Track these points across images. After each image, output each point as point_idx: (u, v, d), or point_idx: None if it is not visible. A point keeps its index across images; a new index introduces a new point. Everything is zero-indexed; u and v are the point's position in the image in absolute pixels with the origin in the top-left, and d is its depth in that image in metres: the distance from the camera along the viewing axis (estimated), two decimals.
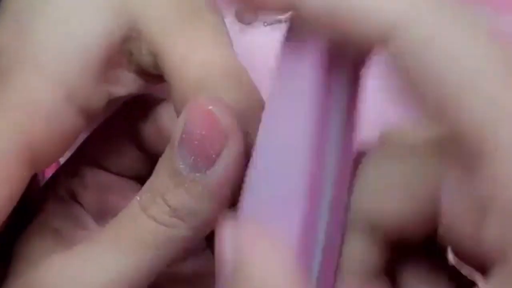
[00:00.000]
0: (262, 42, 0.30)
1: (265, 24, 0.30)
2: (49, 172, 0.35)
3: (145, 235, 0.21)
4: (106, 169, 0.24)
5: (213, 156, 0.20)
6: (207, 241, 0.25)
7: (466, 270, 0.19)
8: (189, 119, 0.20)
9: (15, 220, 0.24)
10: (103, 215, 0.23)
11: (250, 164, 0.19)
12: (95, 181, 0.24)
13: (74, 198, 0.24)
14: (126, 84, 0.22)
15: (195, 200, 0.20)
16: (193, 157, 0.20)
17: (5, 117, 0.20)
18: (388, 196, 0.18)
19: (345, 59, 0.19)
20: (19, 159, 0.20)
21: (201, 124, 0.20)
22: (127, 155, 0.22)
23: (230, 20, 0.30)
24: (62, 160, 0.33)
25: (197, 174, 0.20)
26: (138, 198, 0.21)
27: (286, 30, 0.20)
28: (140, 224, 0.21)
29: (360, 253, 0.18)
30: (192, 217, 0.20)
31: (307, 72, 0.18)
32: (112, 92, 0.22)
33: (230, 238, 0.16)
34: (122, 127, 0.24)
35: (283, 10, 0.17)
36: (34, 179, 0.25)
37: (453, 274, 0.20)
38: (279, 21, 0.30)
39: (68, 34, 0.20)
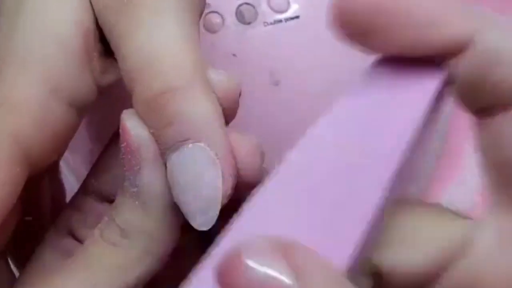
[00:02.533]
0: (263, 42, 0.30)
1: (266, 24, 0.30)
2: None
3: (102, 261, 0.20)
4: (108, 200, 0.24)
5: (137, 167, 0.20)
6: None
7: None
8: (120, 135, 0.20)
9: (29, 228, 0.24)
10: None
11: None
12: (94, 215, 0.24)
13: (72, 234, 0.24)
14: (113, 70, 0.22)
15: (137, 217, 0.20)
16: (126, 172, 0.20)
17: None
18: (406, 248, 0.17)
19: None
20: (11, 157, 0.20)
21: (121, 137, 0.20)
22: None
23: (230, 20, 0.30)
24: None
25: (134, 189, 0.20)
26: (99, 224, 0.21)
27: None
28: (97, 248, 0.20)
29: None
30: (138, 235, 0.20)
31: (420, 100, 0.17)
32: (100, 81, 0.21)
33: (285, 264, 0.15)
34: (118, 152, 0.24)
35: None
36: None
37: None
38: (279, 21, 0.30)
39: (45, 29, 0.20)
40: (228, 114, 0.20)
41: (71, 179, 0.34)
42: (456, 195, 0.38)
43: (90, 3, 0.21)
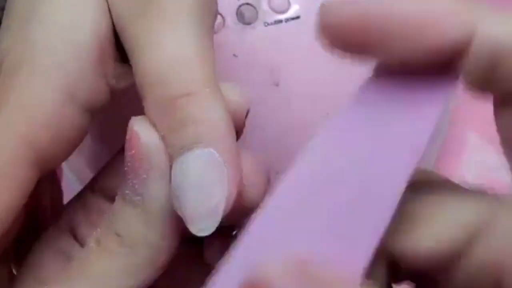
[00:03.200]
0: (263, 43, 0.30)
1: (266, 24, 0.30)
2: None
3: (99, 269, 0.20)
4: (112, 198, 0.24)
5: (143, 176, 0.19)
6: None
7: None
8: (126, 142, 0.20)
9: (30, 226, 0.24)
10: None
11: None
12: (99, 213, 0.24)
13: (72, 232, 0.24)
14: (127, 76, 0.22)
15: (138, 226, 0.20)
16: (130, 180, 0.20)
17: (7, 120, 0.20)
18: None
19: None
20: (24, 160, 0.20)
21: (130, 144, 0.20)
22: None
23: (231, 20, 0.30)
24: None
25: (137, 198, 0.20)
26: (95, 232, 0.21)
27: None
28: (95, 256, 0.20)
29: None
30: (138, 244, 0.20)
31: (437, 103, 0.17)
32: (113, 85, 0.22)
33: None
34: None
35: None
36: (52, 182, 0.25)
37: None
38: (280, 22, 0.30)
39: (63, 33, 0.21)
40: (236, 130, 0.20)
41: (72, 179, 0.34)
42: None
43: (108, 8, 0.21)
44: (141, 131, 0.20)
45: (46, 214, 0.25)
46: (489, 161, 0.39)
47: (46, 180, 0.24)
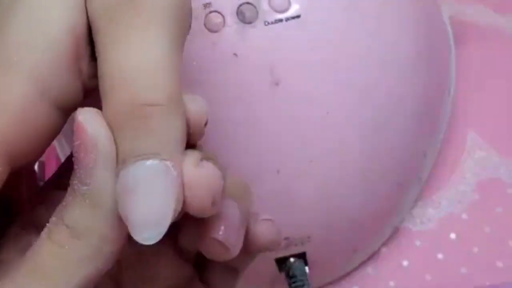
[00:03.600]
0: (263, 42, 0.30)
1: (266, 23, 0.30)
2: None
3: (49, 260, 0.20)
4: None
5: (90, 166, 0.19)
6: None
7: None
8: (73, 132, 0.20)
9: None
10: None
11: None
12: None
13: (38, 229, 0.24)
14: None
15: (86, 216, 0.20)
16: (77, 170, 0.20)
17: None
18: None
19: None
20: None
21: (76, 134, 0.19)
22: None
23: (231, 19, 0.30)
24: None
25: (84, 187, 0.20)
26: (47, 223, 0.21)
27: None
28: (45, 249, 0.20)
29: None
30: (87, 235, 0.20)
31: None
32: (88, 84, 0.22)
33: None
34: None
35: None
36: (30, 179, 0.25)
37: None
38: (280, 21, 0.30)
39: (37, 31, 0.20)
40: (193, 140, 0.21)
41: None
42: (455, 193, 0.38)
43: (85, 3, 0.21)
44: (86, 121, 0.19)
45: (21, 209, 0.25)
46: (489, 160, 0.39)
47: (22, 175, 0.24)
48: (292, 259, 0.32)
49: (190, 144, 0.21)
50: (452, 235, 0.37)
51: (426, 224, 0.38)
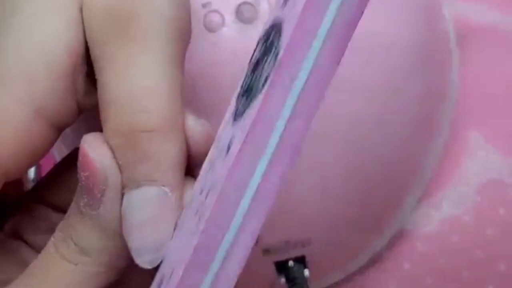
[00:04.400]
0: None
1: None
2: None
3: (59, 276, 0.21)
4: (61, 210, 0.24)
5: (99, 195, 0.20)
6: None
7: None
8: (78, 161, 0.20)
9: None
10: None
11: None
12: (48, 222, 0.24)
13: (23, 240, 0.24)
14: (95, 91, 0.22)
15: (96, 237, 0.20)
16: (85, 196, 0.20)
17: None
18: None
19: None
20: None
21: (83, 166, 0.20)
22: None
23: (230, 19, 0.30)
24: None
25: (93, 212, 0.20)
26: (53, 239, 0.21)
27: None
28: (55, 265, 0.21)
29: None
30: (98, 253, 0.20)
31: None
32: (83, 102, 0.22)
33: None
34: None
35: None
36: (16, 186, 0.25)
37: None
38: None
39: (33, 49, 0.20)
40: (195, 162, 0.21)
41: None
42: (457, 195, 0.38)
43: (82, 23, 0.21)
44: (94, 152, 0.20)
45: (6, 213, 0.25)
46: (491, 160, 0.39)
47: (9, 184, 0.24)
48: (291, 263, 0.32)
49: (197, 163, 0.21)
50: (454, 237, 0.37)
51: (428, 226, 0.37)
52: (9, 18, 0.21)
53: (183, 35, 0.21)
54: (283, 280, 0.32)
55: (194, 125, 0.21)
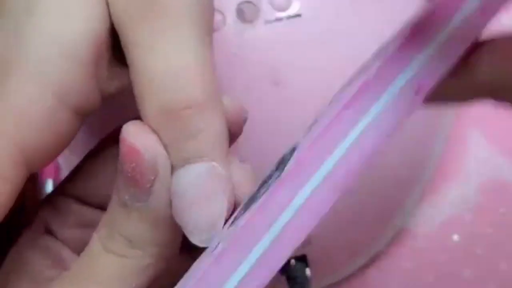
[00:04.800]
0: (264, 41, 0.30)
1: (267, 22, 0.30)
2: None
3: (109, 271, 0.20)
4: (89, 204, 0.24)
5: (148, 186, 0.19)
6: None
7: None
8: (121, 153, 0.20)
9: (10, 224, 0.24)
10: None
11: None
12: (77, 216, 0.24)
13: (52, 233, 0.24)
14: (119, 78, 0.22)
15: (145, 229, 0.20)
16: (131, 188, 0.20)
17: None
18: None
19: None
20: (13, 161, 0.20)
21: (129, 158, 0.19)
22: (110, 188, 0.22)
23: (231, 18, 0.30)
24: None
25: (140, 204, 0.20)
26: (96, 235, 0.21)
27: None
28: (102, 261, 0.21)
29: None
30: (148, 244, 0.20)
31: None
32: (106, 89, 0.21)
33: None
34: (107, 160, 0.24)
35: None
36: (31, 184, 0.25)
37: None
38: (280, 19, 0.30)
39: (56, 35, 0.20)
40: (232, 139, 0.21)
41: None
42: (458, 194, 0.38)
43: (107, 9, 0.20)
44: (139, 141, 0.19)
45: (24, 214, 0.25)
46: (492, 159, 0.39)
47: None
48: (293, 261, 0.32)
49: (233, 140, 0.21)
50: (455, 237, 0.37)
51: (429, 225, 0.37)
52: (32, 7, 0.20)
53: (209, 13, 0.21)
54: (284, 279, 0.32)
55: (226, 100, 0.21)
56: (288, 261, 0.32)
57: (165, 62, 0.19)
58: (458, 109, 0.38)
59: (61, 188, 0.24)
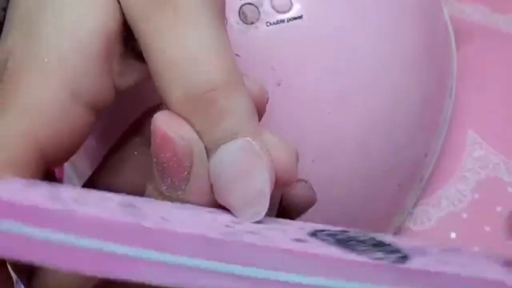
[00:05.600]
0: (265, 42, 0.30)
1: (268, 24, 0.30)
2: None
3: None
4: None
5: (185, 173, 0.20)
6: None
7: None
8: (153, 144, 0.20)
9: None
10: None
11: None
12: None
13: None
14: (132, 72, 0.22)
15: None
16: (168, 178, 0.20)
17: (13, 119, 0.20)
18: None
19: None
20: (29, 157, 0.20)
21: (163, 148, 0.19)
22: (136, 183, 0.22)
23: (233, 20, 0.30)
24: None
25: (179, 193, 0.20)
26: None
27: None
28: None
29: None
30: None
31: None
32: (119, 83, 0.22)
33: None
34: (130, 154, 0.24)
35: None
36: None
37: None
38: (282, 21, 0.30)
39: (69, 31, 0.20)
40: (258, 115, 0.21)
41: (75, 181, 0.34)
42: (455, 192, 0.38)
43: (119, 4, 0.21)
44: (172, 130, 0.19)
45: None
46: (489, 159, 0.39)
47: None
48: None
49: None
50: (452, 234, 0.37)
51: (426, 223, 0.38)
52: (44, 4, 0.21)
53: (221, 1, 0.21)
54: None
55: (247, 80, 0.21)
56: None
57: (184, 49, 0.20)
58: (456, 109, 0.38)
59: (89, 183, 0.24)
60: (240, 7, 0.30)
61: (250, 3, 0.30)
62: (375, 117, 0.31)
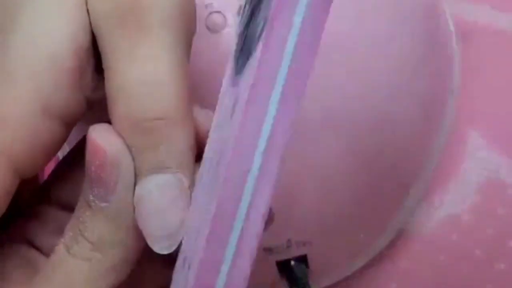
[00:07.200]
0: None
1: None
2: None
3: (75, 275, 0.21)
4: (67, 208, 0.24)
5: (112, 184, 0.20)
6: None
7: None
8: (86, 151, 0.20)
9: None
10: None
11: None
12: (55, 222, 0.24)
13: (30, 243, 0.24)
14: (103, 86, 0.22)
15: (108, 230, 0.20)
16: (95, 188, 0.20)
17: None
18: None
19: None
20: (1, 173, 0.20)
21: (93, 156, 0.20)
22: None
23: (233, 19, 0.30)
24: None
25: (104, 204, 0.20)
26: (62, 239, 0.21)
27: None
28: (68, 265, 0.21)
29: None
30: (111, 247, 0.20)
31: None
32: (90, 96, 0.22)
33: None
34: (82, 163, 0.24)
35: None
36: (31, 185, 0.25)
37: None
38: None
39: (39, 44, 0.20)
40: (202, 150, 0.21)
41: None
42: (457, 194, 0.38)
43: (88, 14, 0.20)
44: (104, 139, 0.20)
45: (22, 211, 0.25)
46: (491, 160, 0.39)
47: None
48: (293, 262, 0.32)
49: (204, 151, 0.21)
50: (454, 236, 0.37)
51: (427, 225, 0.38)
52: (13, 15, 0.20)
53: (188, 25, 0.21)
54: (284, 279, 0.32)
55: (199, 113, 0.21)
56: (288, 261, 0.32)
57: (140, 70, 0.20)
58: (458, 109, 0.38)
59: (39, 194, 0.24)
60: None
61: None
62: (376, 117, 0.31)
